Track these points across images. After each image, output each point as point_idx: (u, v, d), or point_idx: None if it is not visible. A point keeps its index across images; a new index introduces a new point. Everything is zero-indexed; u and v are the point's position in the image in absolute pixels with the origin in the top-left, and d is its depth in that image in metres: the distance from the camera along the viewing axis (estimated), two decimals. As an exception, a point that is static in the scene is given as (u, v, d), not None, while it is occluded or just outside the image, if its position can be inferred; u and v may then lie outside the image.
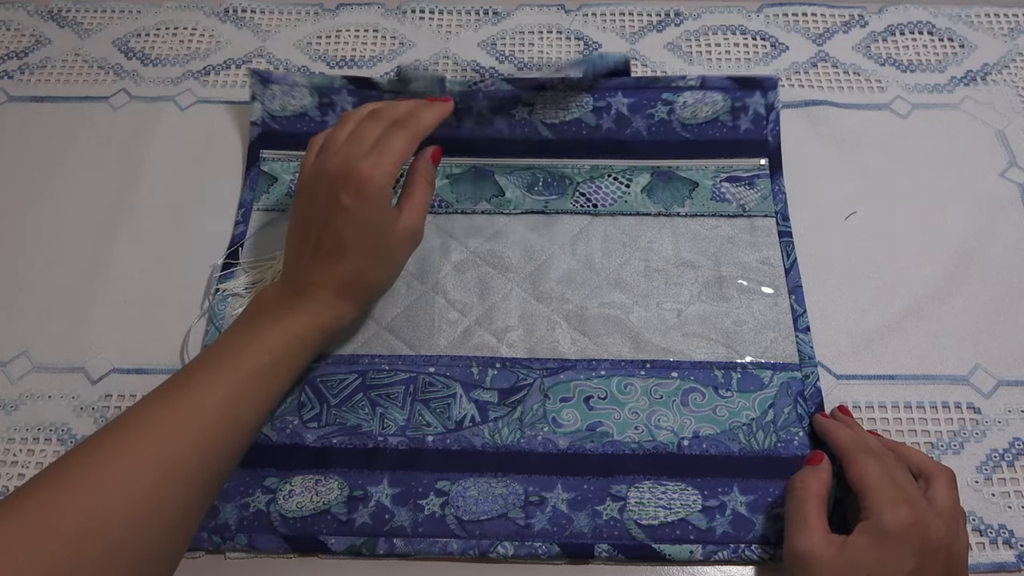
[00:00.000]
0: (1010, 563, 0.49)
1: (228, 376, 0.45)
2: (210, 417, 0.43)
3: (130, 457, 0.40)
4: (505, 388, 0.53)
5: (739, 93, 0.63)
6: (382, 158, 0.47)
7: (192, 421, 0.42)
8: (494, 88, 0.61)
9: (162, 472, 0.40)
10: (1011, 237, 0.60)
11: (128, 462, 0.40)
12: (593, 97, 0.62)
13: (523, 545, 0.48)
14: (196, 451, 0.42)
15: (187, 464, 0.41)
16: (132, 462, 0.40)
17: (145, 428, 0.42)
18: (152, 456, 0.40)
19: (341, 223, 0.47)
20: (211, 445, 0.43)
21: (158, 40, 0.71)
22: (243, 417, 0.45)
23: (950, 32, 0.71)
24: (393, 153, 0.47)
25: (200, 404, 0.43)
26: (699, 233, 0.59)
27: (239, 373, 0.45)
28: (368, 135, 0.48)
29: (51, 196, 0.62)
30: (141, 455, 0.40)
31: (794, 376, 0.54)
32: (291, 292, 0.49)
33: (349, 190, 0.47)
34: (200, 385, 0.44)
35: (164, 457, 0.41)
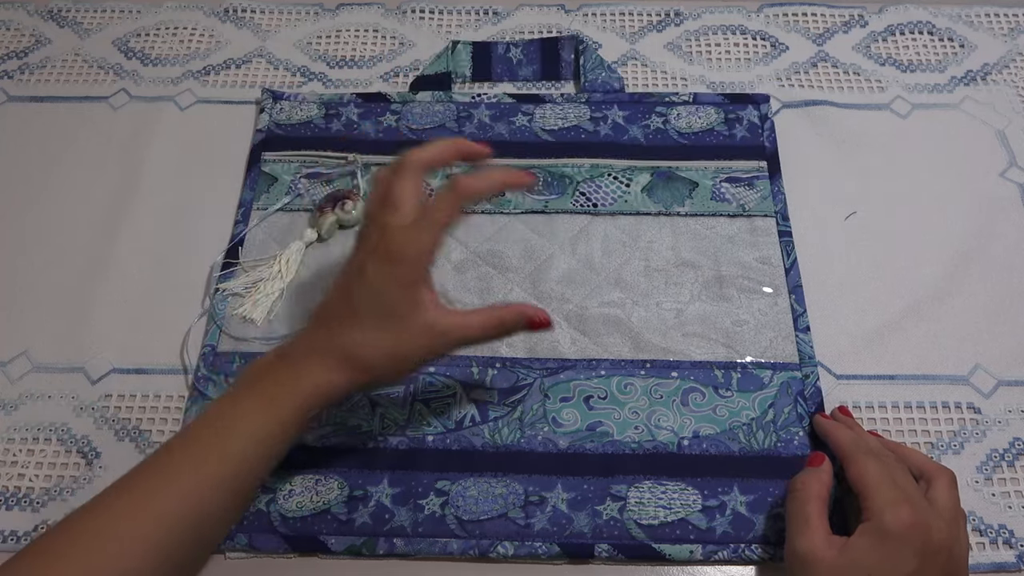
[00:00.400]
0: (1010, 563, 0.49)
1: (207, 461, 0.42)
2: (206, 484, 0.41)
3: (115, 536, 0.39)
4: (505, 388, 0.53)
5: (732, 107, 0.64)
6: (427, 228, 0.43)
7: (187, 488, 0.41)
8: (496, 99, 0.64)
9: (153, 544, 0.39)
10: (1011, 237, 0.60)
11: (115, 542, 0.39)
12: (590, 108, 0.64)
13: (523, 545, 0.48)
14: (189, 519, 0.41)
15: (177, 534, 0.40)
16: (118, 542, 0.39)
17: (135, 501, 0.41)
18: (141, 529, 0.39)
19: (357, 286, 0.44)
20: (207, 511, 0.42)
21: (158, 40, 0.71)
22: (218, 499, 0.42)
23: (950, 32, 0.71)
24: (436, 229, 0.43)
25: (197, 471, 0.42)
26: (699, 233, 0.59)
27: (219, 457, 0.42)
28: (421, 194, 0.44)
29: (51, 196, 0.62)
30: (128, 534, 0.39)
31: (794, 376, 0.54)
32: (288, 356, 0.45)
33: (379, 253, 0.43)
34: (177, 469, 0.42)
35: (154, 530, 0.40)
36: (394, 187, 0.44)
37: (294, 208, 0.61)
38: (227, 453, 0.42)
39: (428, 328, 0.44)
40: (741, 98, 0.65)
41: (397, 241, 0.43)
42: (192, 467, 0.42)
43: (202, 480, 0.42)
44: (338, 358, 0.44)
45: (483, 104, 0.65)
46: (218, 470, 0.42)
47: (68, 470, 0.52)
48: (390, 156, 0.62)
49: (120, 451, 0.52)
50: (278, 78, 0.69)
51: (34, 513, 0.50)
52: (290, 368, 0.44)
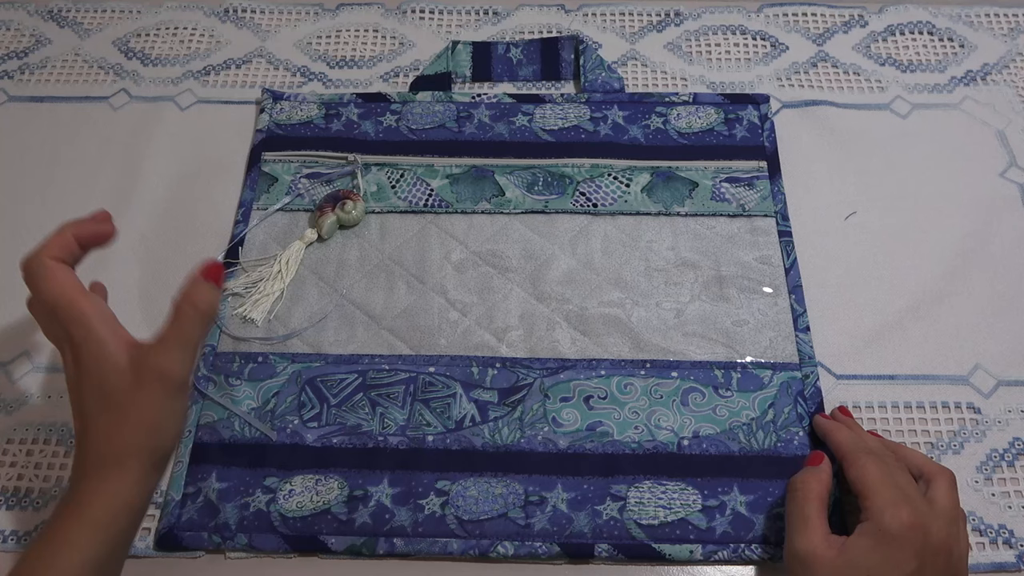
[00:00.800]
0: (1010, 563, 0.49)
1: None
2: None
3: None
4: (505, 388, 0.53)
5: (732, 107, 0.64)
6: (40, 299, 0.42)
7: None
8: (496, 99, 0.64)
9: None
10: (1011, 237, 0.60)
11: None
12: (590, 108, 0.64)
13: (523, 545, 0.48)
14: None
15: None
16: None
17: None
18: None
19: (70, 396, 0.42)
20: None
21: (158, 40, 0.71)
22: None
23: (950, 32, 0.71)
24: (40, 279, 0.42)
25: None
26: (699, 233, 0.59)
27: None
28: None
29: (51, 196, 0.62)
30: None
31: (794, 376, 0.54)
32: (65, 496, 0.42)
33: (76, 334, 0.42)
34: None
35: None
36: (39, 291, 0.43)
37: (294, 208, 0.61)
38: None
39: (137, 377, 0.41)
40: (741, 98, 0.65)
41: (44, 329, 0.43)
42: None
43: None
44: (100, 467, 0.41)
45: (483, 104, 0.65)
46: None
47: (68, 470, 0.52)
48: (390, 156, 0.63)
49: (120, 451, 0.52)
50: (278, 78, 0.69)
51: (34, 513, 0.50)
52: (70, 500, 0.41)
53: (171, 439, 0.43)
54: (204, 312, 0.43)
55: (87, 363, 0.41)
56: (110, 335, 0.42)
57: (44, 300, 0.43)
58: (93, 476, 0.41)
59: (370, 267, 0.58)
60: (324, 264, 0.59)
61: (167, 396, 0.42)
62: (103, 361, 0.41)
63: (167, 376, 0.41)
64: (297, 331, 0.56)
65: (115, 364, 0.41)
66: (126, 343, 0.42)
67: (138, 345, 0.42)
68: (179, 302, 0.43)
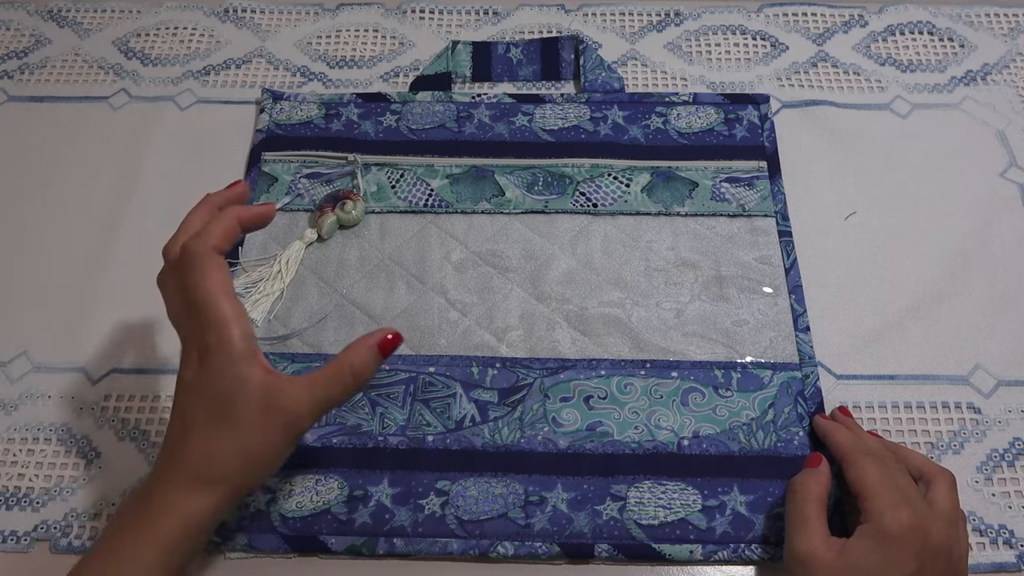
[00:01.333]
0: (1010, 563, 0.49)
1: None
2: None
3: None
4: (505, 388, 0.53)
5: (732, 107, 0.64)
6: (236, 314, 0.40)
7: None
8: (496, 99, 0.64)
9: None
10: (1011, 237, 0.60)
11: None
12: (590, 108, 0.64)
13: (523, 545, 0.48)
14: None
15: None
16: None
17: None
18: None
19: (179, 395, 0.41)
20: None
21: (158, 40, 0.71)
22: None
23: (950, 32, 0.71)
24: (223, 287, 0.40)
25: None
26: (699, 233, 0.59)
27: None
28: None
29: (51, 196, 0.62)
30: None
31: (794, 376, 0.54)
32: (145, 494, 0.41)
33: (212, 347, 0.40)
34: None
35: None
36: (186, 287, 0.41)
37: (294, 208, 0.61)
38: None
39: (266, 408, 0.40)
40: (741, 98, 0.65)
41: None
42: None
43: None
44: (189, 480, 0.40)
45: (483, 104, 0.65)
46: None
47: (68, 470, 0.52)
48: (390, 156, 0.63)
49: (120, 451, 0.52)
50: (278, 78, 0.69)
51: (34, 513, 0.50)
52: (146, 506, 0.40)
53: (263, 478, 0.42)
54: (359, 381, 0.42)
55: (215, 373, 0.39)
56: (248, 353, 0.40)
57: (191, 294, 0.40)
58: (179, 490, 0.40)
59: (370, 267, 0.58)
60: (324, 264, 0.59)
61: (285, 438, 0.41)
62: (234, 378, 0.39)
63: (295, 420, 0.40)
64: (297, 331, 0.56)
65: (245, 385, 0.39)
66: (262, 367, 0.40)
67: (273, 374, 0.41)
68: (343, 359, 0.41)
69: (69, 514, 0.50)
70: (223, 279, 0.41)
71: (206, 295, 0.40)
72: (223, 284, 0.40)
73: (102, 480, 0.51)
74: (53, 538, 0.49)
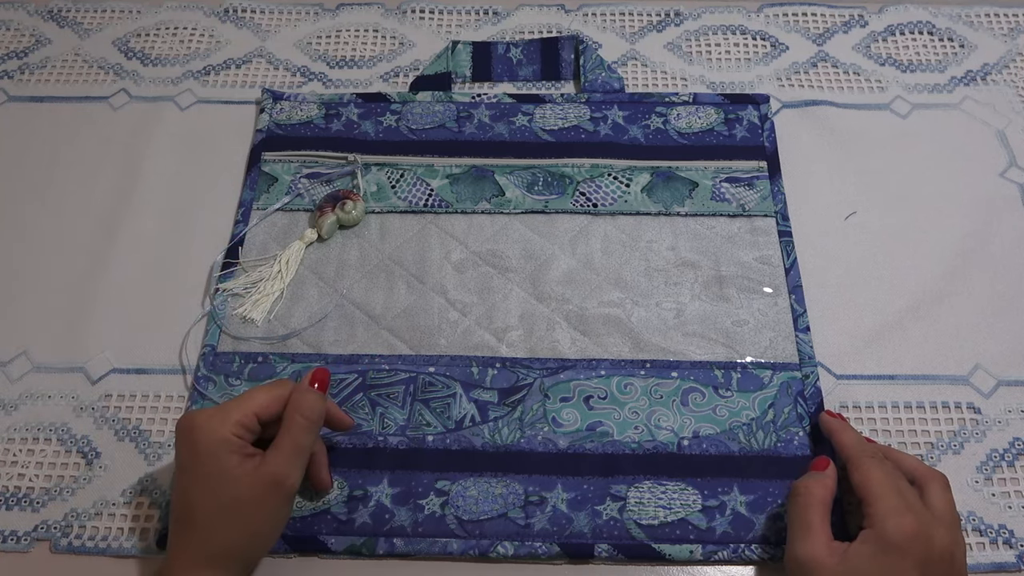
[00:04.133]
0: (1010, 563, 0.49)
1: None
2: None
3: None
4: (505, 388, 0.53)
5: (732, 107, 0.64)
6: (225, 408, 0.44)
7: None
8: (496, 99, 0.64)
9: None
10: (1011, 237, 0.60)
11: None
12: (590, 108, 0.64)
13: (523, 545, 0.48)
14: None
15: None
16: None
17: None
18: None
19: (184, 485, 0.43)
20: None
21: (158, 40, 0.71)
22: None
23: (950, 32, 0.71)
24: (241, 403, 0.44)
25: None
26: (699, 233, 0.59)
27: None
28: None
29: (51, 196, 0.62)
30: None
31: (794, 376, 0.54)
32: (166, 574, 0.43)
33: (186, 445, 0.43)
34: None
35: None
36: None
37: (294, 208, 0.61)
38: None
39: (261, 481, 0.43)
40: (741, 98, 0.65)
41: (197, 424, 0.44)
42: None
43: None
44: (205, 562, 0.43)
45: (483, 104, 0.65)
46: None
47: (68, 470, 0.52)
48: (390, 156, 0.63)
49: (120, 451, 0.52)
50: (278, 78, 0.69)
51: (34, 513, 0.50)
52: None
53: (267, 546, 0.46)
54: (311, 420, 0.45)
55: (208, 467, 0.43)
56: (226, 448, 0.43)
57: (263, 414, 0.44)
58: (199, 572, 0.43)
59: (370, 267, 0.58)
60: (324, 264, 0.59)
61: (278, 503, 0.44)
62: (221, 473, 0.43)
63: (280, 482, 0.43)
64: (297, 331, 0.56)
65: (233, 470, 0.43)
66: (238, 455, 0.43)
67: (249, 456, 0.44)
68: (288, 411, 0.44)
69: (69, 514, 0.50)
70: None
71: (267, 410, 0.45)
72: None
73: (102, 480, 0.51)
74: (53, 538, 0.49)
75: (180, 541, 0.44)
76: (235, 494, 0.43)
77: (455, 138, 0.63)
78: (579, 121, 0.64)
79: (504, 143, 0.63)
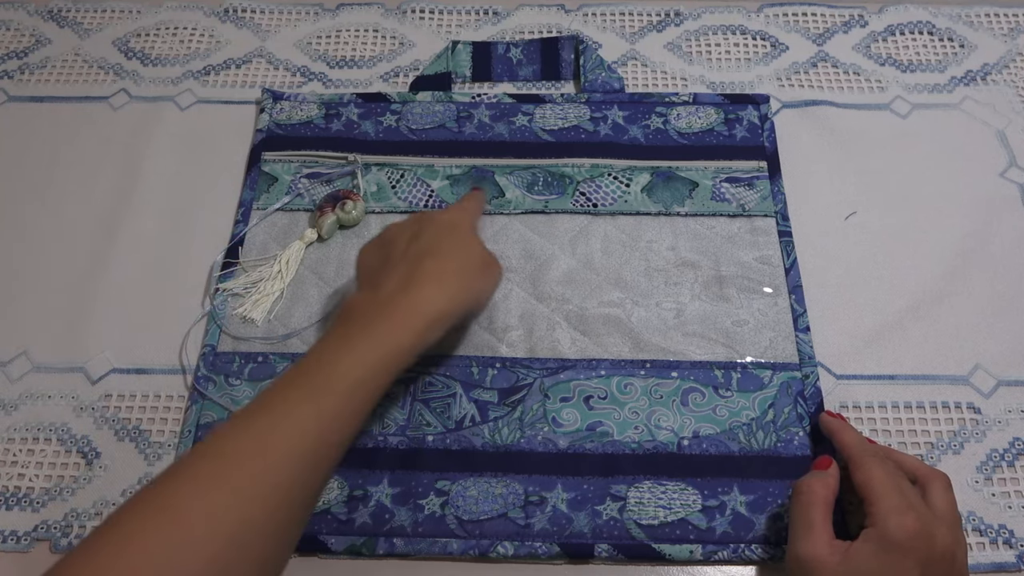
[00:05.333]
0: (1010, 563, 0.49)
1: (324, 397, 0.41)
2: (302, 441, 0.39)
3: (216, 489, 0.37)
4: (505, 388, 0.53)
5: (732, 107, 0.64)
6: (471, 214, 0.53)
7: (285, 455, 0.39)
8: (496, 99, 0.65)
9: (251, 512, 0.37)
10: (1011, 237, 0.60)
11: (213, 495, 0.36)
12: (591, 109, 0.64)
13: (523, 545, 0.48)
14: (288, 488, 0.38)
15: (279, 497, 0.38)
16: (218, 495, 0.36)
17: (235, 456, 0.38)
18: (239, 488, 0.37)
19: (437, 232, 0.48)
20: (303, 476, 0.39)
21: (158, 40, 0.71)
22: (338, 436, 0.41)
23: (950, 32, 0.71)
24: (474, 214, 0.54)
25: (293, 427, 0.39)
26: (699, 233, 0.59)
27: (334, 392, 0.41)
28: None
29: (51, 196, 0.62)
30: (227, 486, 0.37)
31: (794, 376, 0.54)
32: (381, 305, 0.45)
33: (443, 224, 0.49)
34: (293, 411, 0.40)
35: (253, 488, 0.37)
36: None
37: (294, 208, 0.61)
38: (345, 382, 0.42)
39: (493, 265, 0.51)
40: (741, 98, 0.65)
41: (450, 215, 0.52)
42: (309, 401, 0.40)
43: (321, 413, 0.40)
44: (448, 280, 0.47)
45: (483, 104, 0.65)
46: (335, 403, 0.41)
47: (68, 470, 0.52)
48: (390, 156, 0.63)
49: (120, 451, 0.52)
50: (278, 78, 0.69)
51: (34, 513, 0.50)
52: (403, 297, 0.45)
53: (477, 311, 0.54)
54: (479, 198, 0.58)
55: (468, 242, 0.50)
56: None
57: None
58: (432, 286, 0.46)
59: (370, 267, 0.58)
60: (324, 264, 0.59)
61: (495, 284, 0.52)
62: (476, 243, 0.51)
63: (499, 275, 0.53)
64: (297, 331, 0.56)
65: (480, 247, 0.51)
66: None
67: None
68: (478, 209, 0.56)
69: (69, 514, 0.50)
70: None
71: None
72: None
73: (102, 480, 0.51)
74: (53, 538, 0.49)
75: (420, 283, 0.46)
76: (479, 262, 0.49)
77: (455, 138, 0.63)
78: (579, 121, 0.64)
79: (504, 143, 0.63)
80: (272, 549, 0.38)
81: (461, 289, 0.47)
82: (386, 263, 0.48)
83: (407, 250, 0.48)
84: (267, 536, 0.38)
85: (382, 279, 0.47)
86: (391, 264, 0.47)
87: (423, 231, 0.49)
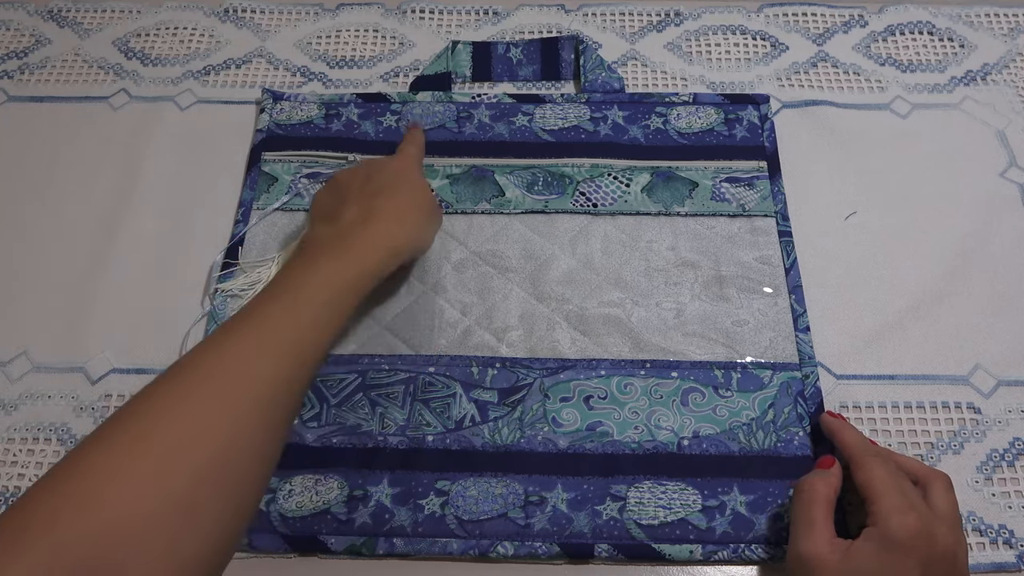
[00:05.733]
0: (1010, 563, 0.49)
1: (299, 307, 0.43)
2: (283, 348, 0.41)
3: (206, 399, 0.38)
4: (505, 388, 0.53)
5: (732, 107, 0.64)
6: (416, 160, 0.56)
7: (267, 355, 0.41)
8: (496, 99, 0.65)
9: (238, 413, 0.38)
10: (1011, 237, 0.60)
11: (204, 404, 0.38)
12: (591, 109, 0.64)
13: (523, 545, 0.48)
14: (271, 386, 0.40)
15: (264, 401, 0.39)
16: (208, 404, 0.38)
17: (220, 366, 0.39)
18: (228, 396, 0.38)
19: (389, 176, 0.52)
20: (286, 377, 0.41)
21: (158, 40, 0.71)
22: (314, 347, 0.43)
23: (950, 32, 0.71)
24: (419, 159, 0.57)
25: (273, 336, 0.42)
26: (699, 233, 0.59)
27: (309, 303, 0.44)
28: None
29: (51, 196, 0.62)
30: (217, 396, 0.38)
31: (794, 376, 0.54)
32: (343, 235, 0.48)
33: (393, 169, 0.53)
34: (271, 317, 0.43)
35: (240, 396, 0.39)
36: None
37: (294, 208, 0.61)
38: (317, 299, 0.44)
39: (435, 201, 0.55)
40: (741, 98, 0.65)
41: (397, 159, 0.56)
42: (286, 311, 0.43)
43: (297, 323, 0.43)
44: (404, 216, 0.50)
45: (483, 104, 0.65)
46: (310, 313, 0.44)
47: (68, 470, 0.52)
48: (390, 156, 0.63)
49: (120, 451, 0.52)
50: (278, 78, 0.69)
51: (34, 513, 0.50)
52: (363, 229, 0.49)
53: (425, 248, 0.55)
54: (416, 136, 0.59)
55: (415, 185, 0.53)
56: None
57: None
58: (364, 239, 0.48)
59: (370, 267, 0.58)
60: (324, 264, 0.59)
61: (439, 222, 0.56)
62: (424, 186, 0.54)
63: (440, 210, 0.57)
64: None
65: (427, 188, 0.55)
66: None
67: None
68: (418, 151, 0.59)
69: (69, 514, 0.50)
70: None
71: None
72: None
73: (102, 480, 0.51)
74: (53, 538, 0.49)
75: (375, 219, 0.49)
76: (425, 199, 0.53)
77: (455, 138, 0.63)
78: (579, 121, 0.64)
79: (504, 143, 0.63)
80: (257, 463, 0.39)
81: (414, 225, 0.51)
82: (342, 203, 0.51)
83: (361, 190, 0.51)
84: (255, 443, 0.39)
85: (340, 214, 0.50)
86: (347, 203, 0.50)
87: (374, 174, 0.52)
